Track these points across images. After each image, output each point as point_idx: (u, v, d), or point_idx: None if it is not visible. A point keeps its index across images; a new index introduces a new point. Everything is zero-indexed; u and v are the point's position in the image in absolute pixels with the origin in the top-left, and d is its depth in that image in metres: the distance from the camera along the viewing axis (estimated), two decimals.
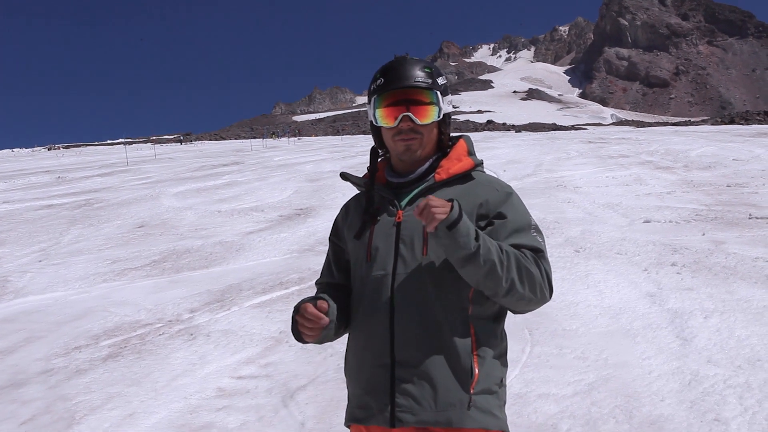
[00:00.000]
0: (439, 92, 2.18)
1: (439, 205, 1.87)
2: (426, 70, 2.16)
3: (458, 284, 2.05)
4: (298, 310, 2.09)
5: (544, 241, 2.18)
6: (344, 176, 2.36)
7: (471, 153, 2.28)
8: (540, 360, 5.25)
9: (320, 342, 2.19)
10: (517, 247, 2.07)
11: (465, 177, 2.20)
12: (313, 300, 2.11)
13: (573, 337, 5.71)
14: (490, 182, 2.21)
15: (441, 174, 2.18)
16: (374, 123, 2.23)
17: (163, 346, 6.13)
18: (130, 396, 5.03)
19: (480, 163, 2.27)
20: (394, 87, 2.14)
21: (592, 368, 5.03)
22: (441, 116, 2.20)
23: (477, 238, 1.91)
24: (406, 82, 2.13)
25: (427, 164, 2.23)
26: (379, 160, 2.36)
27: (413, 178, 2.21)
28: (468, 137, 2.35)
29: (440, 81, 2.20)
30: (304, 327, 2.07)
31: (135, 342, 6.29)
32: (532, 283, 2.03)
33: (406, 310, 2.05)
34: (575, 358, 5.24)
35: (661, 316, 6.07)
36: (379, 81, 2.17)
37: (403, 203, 2.17)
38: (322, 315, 2.05)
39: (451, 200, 1.91)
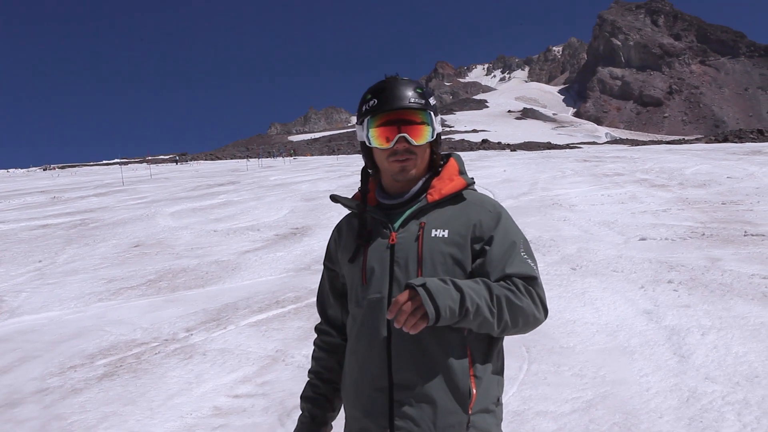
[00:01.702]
0: (432, 112, 2.17)
1: (410, 311, 1.86)
2: (418, 90, 2.15)
3: None
4: None
5: (535, 261, 2.17)
6: (334, 198, 2.34)
7: (462, 172, 2.27)
8: (537, 377, 5.23)
9: None
10: (510, 276, 2.06)
11: (457, 197, 2.19)
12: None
13: (570, 354, 5.70)
14: (482, 203, 2.21)
15: (433, 195, 2.17)
16: (367, 144, 2.20)
17: (159, 365, 6.10)
18: (126, 415, 4.99)
19: (471, 183, 2.26)
20: (387, 108, 2.12)
21: (589, 385, 5.01)
22: (434, 136, 2.19)
23: (463, 303, 1.91)
24: (400, 103, 2.11)
25: (419, 184, 2.21)
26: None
27: (406, 200, 2.20)
28: (458, 155, 2.34)
29: (432, 101, 2.20)
30: None
31: (131, 361, 6.26)
32: (525, 318, 2.04)
33: (403, 333, 2.03)
34: (573, 376, 5.23)
35: (658, 333, 6.07)
36: (371, 102, 2.15)
37: (396, 225, 2.16)
38: None
39: (417, 293, 1.88)
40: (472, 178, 2.28)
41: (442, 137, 2.23)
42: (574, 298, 7.45)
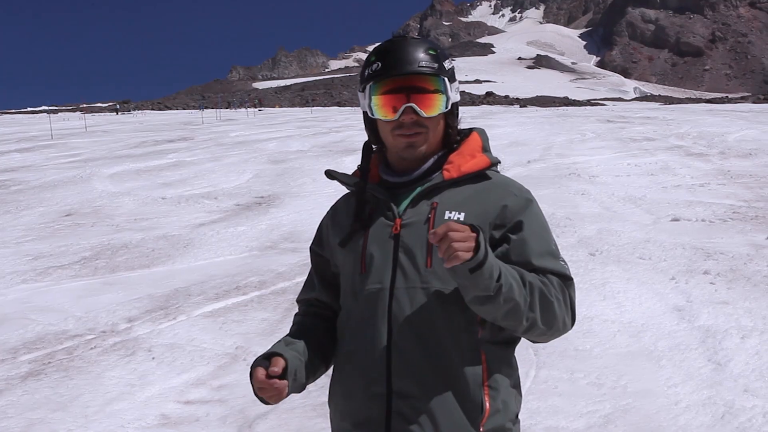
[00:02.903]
0: (446, 78, 2.16)
1: (461, 239, 1.78)
2: (431, 52, 2.14)
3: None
4: (253, 373, 2.06)
5: (567, 264, 2.18)
6: (330, 174, 2.33)
7: (486, 149, 2.26)
8: (547, 386, 5.29)
9: (298, 391, 2.19)
10: (543, 271, 2.06)
11: (478, 176, 2.18)
12: (266, 359, 2.07)
13: (586, 358, 5.76)
14: (507, 185, 2.20)
15: (451, 171, 2.16)
16: (369, 114, 2.20)
17: (95, 362, 6.10)
18: (55, 423, 5.00)
19: (497, 162, 2.25)
20: (394, 74, 2.11)
21: (608, 397, 5.07)
22: (449, 107, 2.18)
23: (499, 277, 1.86)
24: (409, 67, 2.10)
25: (432, 160, 2.20)
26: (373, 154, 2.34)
27: (415, 177, 2.19)
28: (482, 130, 2.32)
29: (447, 65, 2.18)
30: (263, 392, 2.03)
31: (61, 357, 6.26)
32: (554, 319, 2.03)
33: (407, 331, 2.04)
34: (589, 385, 5.29)
35: (690, 335, 6.14)
36: (375, 65, 2.14)
37: (402, 207, 2.14)
38: (275, 382, 2.01)
39: (475, 230, 1.82)
40: (497, 158, 2.27)
41: None
42: (593, 290, 7.51)
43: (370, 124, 2.25)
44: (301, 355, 2.16)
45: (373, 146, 2.32)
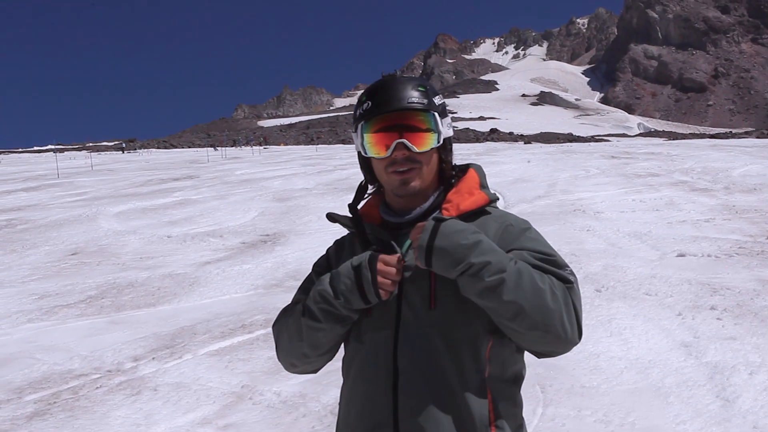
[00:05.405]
0: (437, 114, 2.19)
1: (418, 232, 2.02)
2: (420, 88, 2.17)
3: (473, 341, 2.05)
4: (372, 261, 2.07)
5: (575, 277, 2.12)
6: (332, 217, 2.33)
7: (484, 186, 2.28)
8: (554, 424, 5.27)
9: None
10: (542, 270, 2.03)
11: (477, 214, 2.20)
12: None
13: (593, 395, 5.74)
14: (506, 217, 2.22)
15: (450, 210, 2.17)
16: (363, 153, 2.23)
17: (101, 402, 6.09)
18: None
19: (495, 199, 2.27)
20: (384, 111, 2.14)
21: None
22: (441, 141, 2.21)
23: (476, 251, 1.95)
24: (398, 104, 2.13)
25: (431, 199, 2.23)
26: (367, 195, 2.36)
27: (415, 216, 2.21)
28: (479, 166, 2.35)
29: (437, 101, 2.21)
30: (386, 276, 2.05)
31: (66, 397, 6.25)
32: (547, 310, 1.95)
33: (413, 373, 2.05)
34: (596, 422, 5.26)
35: (698, 372, 6.12)
36: (365, 105, 2.18)
37: (404, 248, 2.15)
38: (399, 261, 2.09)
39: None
40: (495, 194, 2.30)
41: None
42: (599, 326, 7.49)
43: (365, 163, 2.29)
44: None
45: (370, 186, 2.35)
